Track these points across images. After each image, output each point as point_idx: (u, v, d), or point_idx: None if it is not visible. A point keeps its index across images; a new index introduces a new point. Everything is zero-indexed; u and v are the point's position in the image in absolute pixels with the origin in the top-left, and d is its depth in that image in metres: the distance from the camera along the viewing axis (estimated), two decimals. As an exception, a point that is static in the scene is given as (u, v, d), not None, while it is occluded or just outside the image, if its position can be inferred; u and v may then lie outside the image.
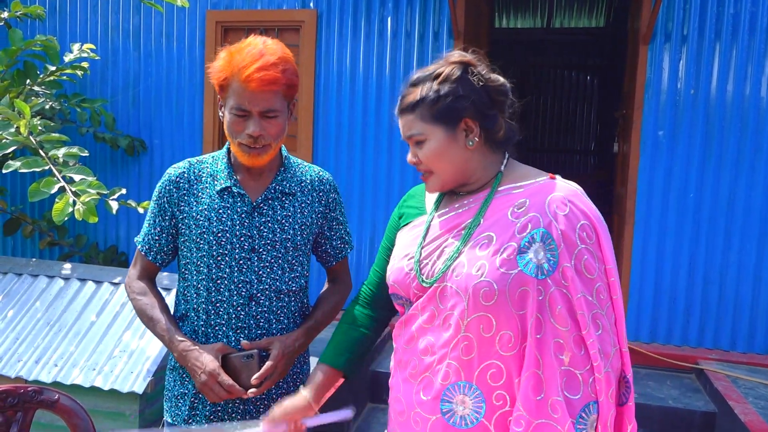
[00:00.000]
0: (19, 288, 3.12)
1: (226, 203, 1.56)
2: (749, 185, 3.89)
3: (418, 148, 1.34)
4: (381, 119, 4.41)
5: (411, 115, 1.33)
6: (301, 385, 1.53)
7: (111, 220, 4.87)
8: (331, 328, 1.62)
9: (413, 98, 1.32)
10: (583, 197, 1.30)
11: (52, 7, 4.89)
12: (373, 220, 4.48)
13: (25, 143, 3.00)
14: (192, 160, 1.64)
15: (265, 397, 1.62)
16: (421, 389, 1.32)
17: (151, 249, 1.62)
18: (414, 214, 1.47)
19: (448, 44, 4.27)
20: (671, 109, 3.98)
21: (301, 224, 1.61)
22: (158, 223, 1.61)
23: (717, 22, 3.90)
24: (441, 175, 1.34)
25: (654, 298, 4.07)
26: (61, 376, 2.66)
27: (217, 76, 1.49)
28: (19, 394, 1.52)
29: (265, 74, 1.43)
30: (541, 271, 1.21)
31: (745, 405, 3.14)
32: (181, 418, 1.61)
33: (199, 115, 4.68)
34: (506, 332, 1.22)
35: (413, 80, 1.35)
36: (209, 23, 4.59)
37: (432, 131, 1.31)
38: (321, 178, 1.69)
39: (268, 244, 1.57)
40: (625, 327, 1.32)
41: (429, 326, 1.31)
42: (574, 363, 1.21)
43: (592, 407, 1.22)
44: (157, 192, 1.61)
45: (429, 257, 1.34)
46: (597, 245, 1.26)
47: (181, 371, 1.63)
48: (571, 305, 1.22)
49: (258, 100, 1.45)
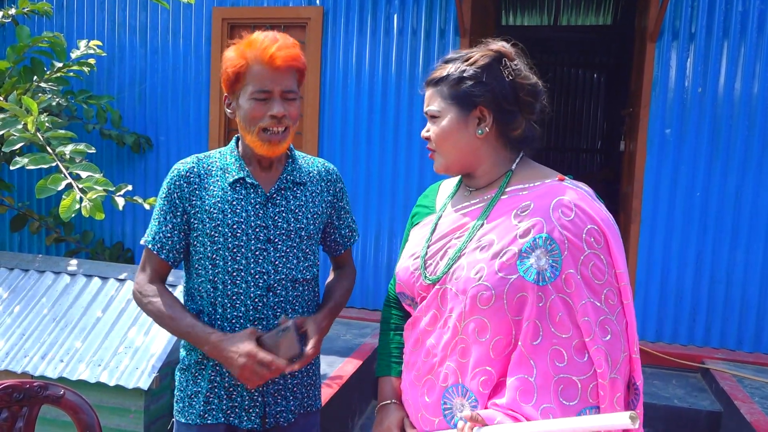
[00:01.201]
0: (26, 284, 3.14)
1: (239, 195, 1.57)
2: (756, 184, 3.87)
3: (431, 124, 1.36)
4: (386, 116, 4.41)
5: (433, 90, 1.34)
6: (313, 376, 1.62)
7: (117, 216, 4.89)
8: (338, 325, 1.62)
9: (439, 74, 1.34)
10: (591, 200, 1.26)
11: (59, 3, 4.90)
12: (378, 216, 4.48)
13: (32, 140, 3.01)
14: (200, 156, 1.64)
15: (282, 388, 1.61)
16: (425, 391, 1.32)
17: (163, 247, 1.58)
18: (425, 213, 1.46)
19: (455, 42, 4.26)
20: (678, 107, 3.96)
21: (313, 213, 1.63)
22: (169, 219, 1.58)
23: (725, 19, 3.88)
24: (445, 156, 1.35)
25: (660, 297, 4.05)
26: (67, 372, 2.67)
27: (234, 64, 1.50)
28: (25, 389, 1.53)
29: (288, 52, 1.50)
30: (543, 277, 1.18)
31: (751, 405, 3.12)
32: (195, 415, 1.60)
33: (205, 112, 4.68)
34: (500, 337, 1.20)
35: (447, 57, 1.36)
36: (215, 20, 4.59)
37: (446, 110, 1.32)
38: (327, 168, 1.72)
39: (283, 234, 1.58)
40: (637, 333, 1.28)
41: (432, 328, 1.31)
42: (573, 370, 1.18)
43: (589, 412, 1.19)
44: (166, 188, 1.59)
45: (433, 257, 1.33)
46: (606, 249, 1.22)
47: (194, 370, 1.62)
48: (573, 312, 1.19)
49: (281, 79, 1.50)
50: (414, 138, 4.37)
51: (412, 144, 4.38)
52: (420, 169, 4.37)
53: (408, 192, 4.41)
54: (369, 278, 4.49)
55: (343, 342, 3.92)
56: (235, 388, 1.59)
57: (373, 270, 4.50)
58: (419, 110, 4.36)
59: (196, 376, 1.61)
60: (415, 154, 4.38)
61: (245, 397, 1.58)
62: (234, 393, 1.59)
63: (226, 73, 1.53)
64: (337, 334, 4.06)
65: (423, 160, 4.37)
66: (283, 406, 1.62)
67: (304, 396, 1.67)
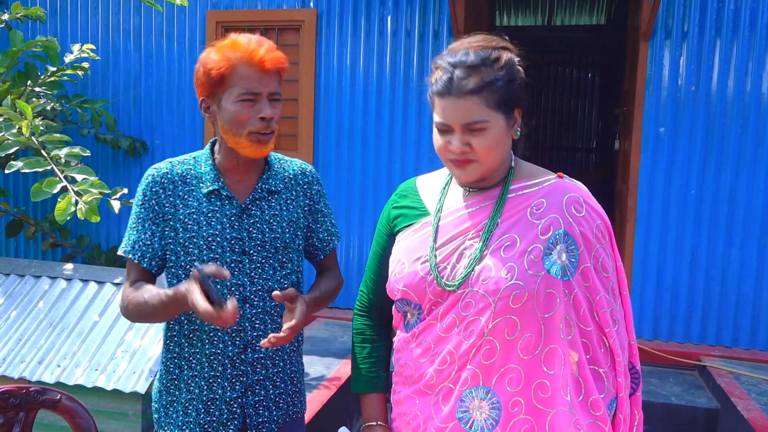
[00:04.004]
0: (22, 289, 3.13)
1: (214, 206, 1.53)
2: (750, 181, 3.89)
3: (473, 136, 1.21)
4: (381, 118, 4.41)
5: (474, 99, 1.19)
6: (294, 378, 1.60)
7: (113, 221, 4.88)
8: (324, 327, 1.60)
9: (478, 81, 1.19)
10: (592, 197, 1.31)
11: (53, 8, 4.90)
12: (374, 217, 4.48)
13: (27, 144, 3.01)
14: (173, 161, 1.59)
15: (263, 399, 1.59)
16: (439, 399, 1.28)
17: (144, 256, 1.52)
18: (414, 215, 1.39)
19: (448, 43, 4.27)
20: (672, 105, 3.97)
21: (288, 221, 1.59)
22: (148, 227, 1.53)
23: (717, 18, 3.89)
24: (487, 165, 1.25)
25: (656, 295, 4.06)
26: (64, 377, 2.66)
27: (219, 66, 1.46)
28: (21, 394, 1.52)
29: (275, 55, 1.50)
30: (566, 272, 1.21)
31: (748, 401, 3.13)
32: (175, 425, 1.57)
33: (200, 115, 4.68)
34: (529, 335, 1.21)
35: (471, 62, 1.20)
36: (209, 23, 4.59)
37: (495, 119, 1.21)
38: (304, 170, 1.67)
39: (258, 245, 1.55)
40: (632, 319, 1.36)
41: (448, 334, 1.27)
42: (598, 361, 1.24)
43: (613, 404, 1.25)
44: (142, 195, 1.54)
45: (447, 260, 1.28)
46: (610, 244, 1.29)
47: (165, 380, 1.59)
48: (593, 305, 1.24)
49: (268, 81, 1.49)
50: (409, 139, 4.38)
51: (406, 145, 4.39)
52: (415, 169, 4.37)
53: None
54: (366, 279, 4.48)
55: (339, 344, 3.92)
56: (212, 401, 1.55)
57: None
58: (414, 111, 4.36)
59: (167, 386, 1.59)
60: (410, 155, 4.39)
61: (224, 410, 1.55)
62: (212, 407, 1.55)
63: (207, 74, 1.48)
64: (334, 336, 4.06)
65: (418, 161, 4.37)
66: (266, 417, 1.58)
67: (288, 405, 1.64)
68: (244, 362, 1.55)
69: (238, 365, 1.55)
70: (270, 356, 1.58)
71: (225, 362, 1.54)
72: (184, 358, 1.57)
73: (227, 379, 1.54)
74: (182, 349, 1.56)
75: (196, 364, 1.55)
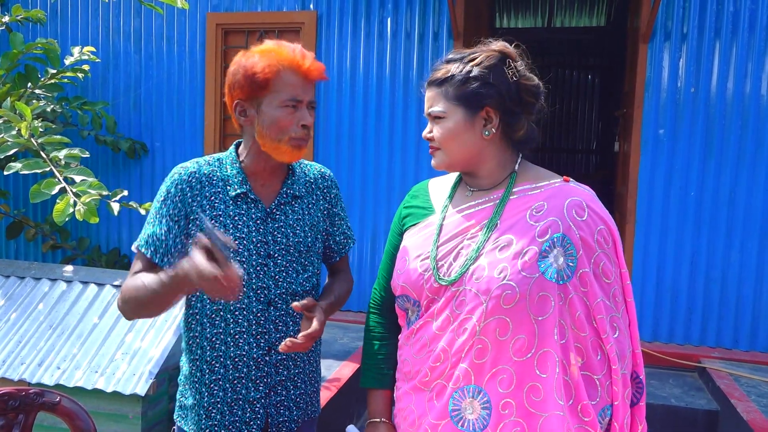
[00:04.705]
0: (22, 291, 3.13)
1: (240, 210, 1.55)
2: (750, 183, 3.89)
3: (435, 124, 1.33)
4: (381, 119, 4.42)
5: (436, 91, 1.32)
6: (313, 381, 1.62)
7: (113, 222, 4.89)
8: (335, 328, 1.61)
9: (442, 74, 1.31)
10: (598, 202, 1.30)
11: (53, 10, 4.90)
12: (374, 220, 4.49)
13: (26, 145, 3.01)
14: (199, 161, 1.60)
15: (285, 399, 1.60)
16: (433, 396, 1.30)
17: (157, 251, 1.51)
18: (421, 215, 1.43)
19: (448, 45, 4.28)
20: (671, 107, 3.98)
21: (310, 225, 1.62)
22: (166, 222, 1.52)
23: (717, 19, 3.90)
24: (449, 155, 1.33)
25: (656, 297, 4.06)
26: (64, 379, 2.66)
27: (265, 71, 1.45)
28: (21, 396, 1.52)
29: (318, 66, 1.53)
30: (562, 276, 1.21)
31: (748, 403, 3.13)
32: (197, 427, 1.59)
33: (200, 117, 4.68)
34: (521, 336, 1.21)
35: (448, 57, 1.34)
36: (209, 25, 4.59)
37: (452, 111, 1.30)
38: (323, 175, 1.70)
39: (283, 249, 1.57)
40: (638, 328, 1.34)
41: (443, 332, 1.29)
42: (592, 368, 1.22)
43: (607, 411, 1.24)
44: (166, 192, 1.53)
45: (445, 258, 1.31)
46: (614, 250, 1.28)
47: (184, 381, 1.62)
48: (590, 311, 1.23)
49: (310, 90, 1.53)
50: (409, 140, 4.38)
51: (407, 146, 4.39)
52: (415, 171, 4.38)
53: (404, 194, 4.37)
54: (366, 282, 4.49)
55: (340, 345, 3.92)
56: (236, 402, 1.57)
57: (370, 273, 4.50)
58: (413, 112, 4.37)
59: (187, 387, 1.61)
60: (410, 156, 4.39)
61: (246, 410, 1.57)
62: (235, 407, 1.57)
63: (249, 78, 1.47)
64: (335, 338, 4.06)
65: (418, 162, 4.37)
66: (286, 416, 1.61)
67: (308, 404, 1.66)
68: (268, 364, 1.57)
69: (262, 366, 1.57)
70: (292, 357, 1.61)
71: (250, 363, 1.56)
72: (206, 361, 1.57)
73: (251, 380, 1.57)
74: (204, 352, 1.57)
75: (219, 367, 1.56)
